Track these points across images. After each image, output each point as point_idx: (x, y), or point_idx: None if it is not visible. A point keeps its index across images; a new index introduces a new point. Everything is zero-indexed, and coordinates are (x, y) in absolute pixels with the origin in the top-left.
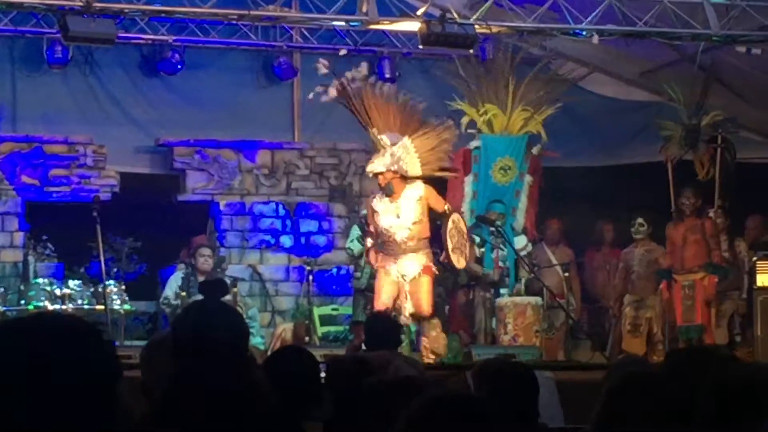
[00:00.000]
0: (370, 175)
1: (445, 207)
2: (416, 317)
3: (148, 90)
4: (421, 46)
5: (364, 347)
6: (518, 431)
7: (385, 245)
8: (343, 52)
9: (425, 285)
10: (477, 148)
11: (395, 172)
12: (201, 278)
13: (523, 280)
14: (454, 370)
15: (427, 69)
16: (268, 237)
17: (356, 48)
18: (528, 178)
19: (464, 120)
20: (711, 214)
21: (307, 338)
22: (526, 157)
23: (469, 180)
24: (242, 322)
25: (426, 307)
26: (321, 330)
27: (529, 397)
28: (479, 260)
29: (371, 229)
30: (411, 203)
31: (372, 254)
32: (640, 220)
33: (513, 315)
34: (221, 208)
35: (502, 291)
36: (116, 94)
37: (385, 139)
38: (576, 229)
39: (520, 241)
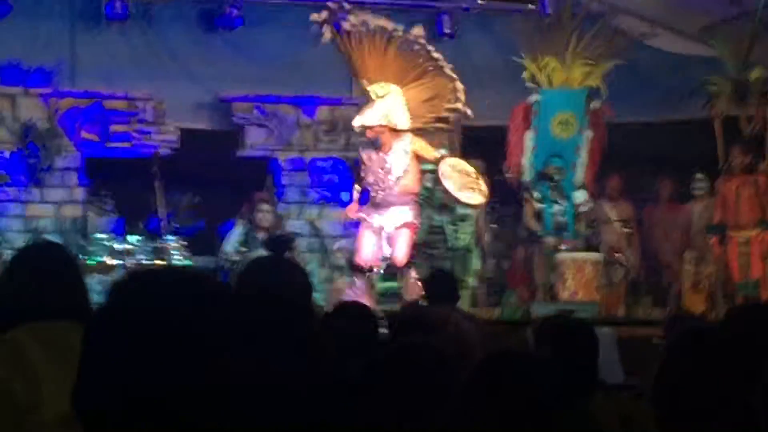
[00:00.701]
0: (357, 128)
1: (436, 154)
2: (391, 265)
3: (207, 45)
4: (481, 1)
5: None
6: (576, 389)
7: (372, 197)
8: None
9: (404, 236)
10: (537, 102)
11: (384, 125)
12: (260, 234)
13: (582, 236)
14: (513, 326)
15: (488, 24)
16: (327, 192)
17: (415, 3)
18: (588, 133)
19: (525, 74)
20: (763, 170)
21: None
22: (586, 111)
23: (529, 134)
24: (306, 278)
25: (401, 257)
26: (380, 285)
27: (590, 354)
28: (538, 215)
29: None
30: (399, 156)
31: (354, 206)
32: (699, 176)
33: (572, 271)
34: (280, 163)
35: (561, 247)
36: (175, 50)
37: (375, 89)
38: (635, 185)
39: (580, 197)
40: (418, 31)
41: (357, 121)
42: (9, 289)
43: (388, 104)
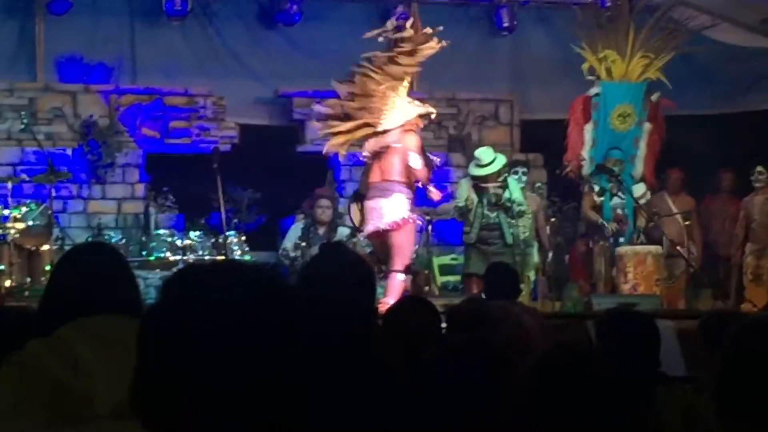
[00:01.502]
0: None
1: None
2: None
3: (267, 41)
4: None
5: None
6: (639, 382)
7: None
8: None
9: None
10: (597, 95)
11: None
12: (321, 229)
13: (642, 229)
14: (574, 319)
15: (546, 17)
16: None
17: None
18: (647, 126)
19: (584, 66)
20: None
21: (426, 288)
22: (645, 104)
23: (588, 127)
24: (371, 275)
25: None
26: (440, 279)
27: (652, 347)
28: (598, 208)
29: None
30: None
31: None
32: (759, 168)
33: (633, 263)
34: (340, 158)
35: (622, 239)
36: (235, 46)
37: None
38: (696, 178)
39: (639, 189)
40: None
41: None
42: (58, 289)
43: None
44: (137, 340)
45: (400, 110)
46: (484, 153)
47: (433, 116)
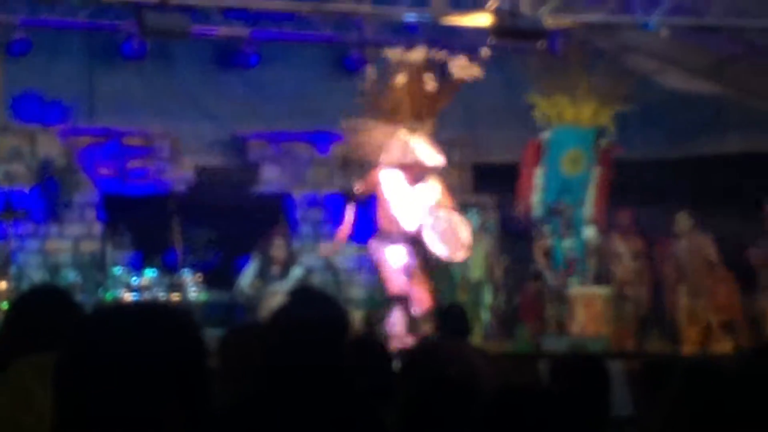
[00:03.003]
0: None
1: None
2: None
3: (224, 83)
4: (490, 41)
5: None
6: (589, 424)
7: None
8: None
9: None
10: (547, 139)
11: None
12: (275, 268)
13: (592, 270)
14: (524, 359)
15: (498, 63)
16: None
17: (427, 43)
18: (597, 170)
19: (535, 110)
20: None
21: (377, 327)
22: (595, 148)
23: (538, 171)
24: (343, 315)
25: None
26: None
27: (603, 389)
28: (549, 251)
29: None
30: None
31: None
32: (682, 213)
33: (583, 305)
34: (295, 199)
35: (572, 281)
36: (192, 88)
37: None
38: (646, 220)
39: (589, 232)
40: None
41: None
42: (12, 329)
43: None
44: (53, 380)
45: None
46: None
47: None
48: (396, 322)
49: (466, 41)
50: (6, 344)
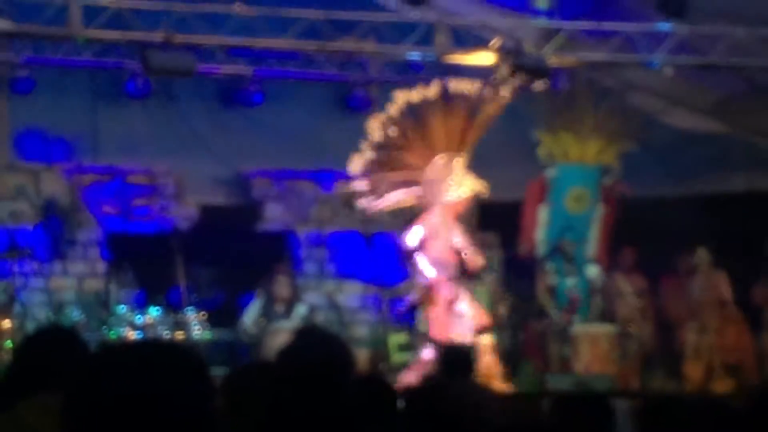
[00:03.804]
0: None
1: None
2: None
3: (228, 122)
4: (494, 79)
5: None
6: None
7: None
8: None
9: None
10: (552, 177)
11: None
12: (279, 306)
13: (596, 309)
14: (529, 398)
15: None
16: (344, 266)
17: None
18: (601, 208)
19: (541, 149)
20: None
21: (381, 365)
22: (599, 186)
23: (542, 209)
24: (348, 354)
25: None
26: (396, 357)
27: (607, 429)
28: (552, 289)
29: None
30: None
31: None
32: (700, 249)
33: (587, 343)
34: (299, 237)
35: (576, 319)
36: (196, 126)
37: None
38: (651, 259)
39: (593, 270)
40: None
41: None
42: (16, 369)
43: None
44: (60, 420)
45: None
46: None
47: None
48: (426, 361)
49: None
50: (13, 384)
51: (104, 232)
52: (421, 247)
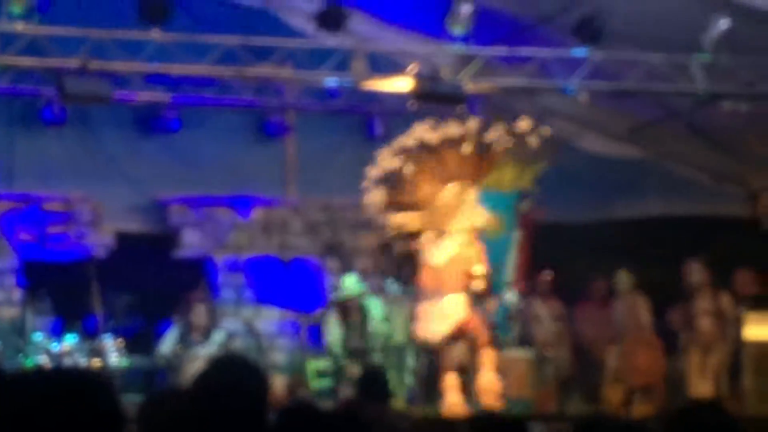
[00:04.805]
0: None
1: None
2: None
3: (144, 148)
4: (410, 104)
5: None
6: None
7: None
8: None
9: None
10: None
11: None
12: (196, 333)
13: (513, 333)
14: (447, 423)
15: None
16: (262, 292)
17: (347, 108)
18: (517, 234)
19: None
20: None
21: (300, 391)
22: (516, 212)
23: None
24: (263, 381)
25: None
26: (315, 383)
27: None
28: None
29: None
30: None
31: None
32: (622, 273)
33: (505, 368)
34: (216, 263)
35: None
36: (112, 153)
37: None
38: (567, 283)
39: (510, 296)
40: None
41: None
42: None
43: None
44: None
45: None
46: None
47: None
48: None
49: (386, 106)
50: None
51: (20, 259)
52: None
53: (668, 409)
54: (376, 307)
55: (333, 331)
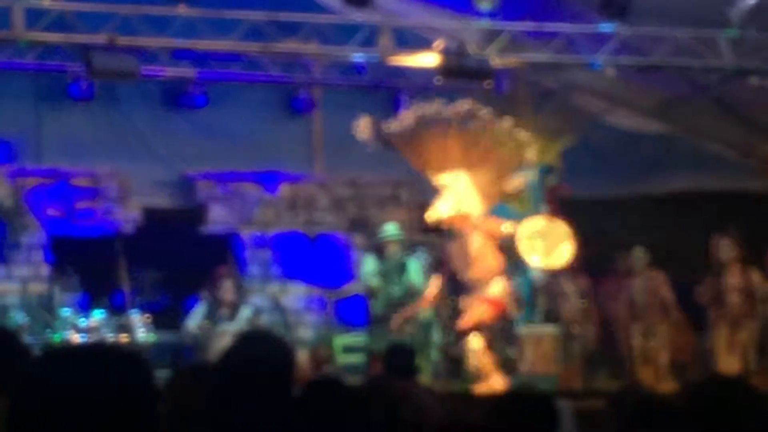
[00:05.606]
0: (432, 222)
1: (503, 229)
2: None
3: (171, 124)
4: (437, 79)
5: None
6: None
7: (459, 282)
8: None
9: (476, 307)
10: None
11: (457, 215)
12: (224, 309)
13: (540, 309)
14: (471, 398)
15: (445, 102)
16: (289, 268)
17: (373, 84)
18: (543, 209)
19: None
20: None
21: (326, 367)
22: (541, 187)
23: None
24: (290, 356)
25: (463, 323)
26: (342, 359)
27: (550, 429)
28: None
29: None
30: (476, 240)
31: (431, 294)
32: (638, 250)
33: (531, 343)
34: (243, 239)
35: (520, 320)
36: (139, 128)
37: (442, 179)
38: (595, 259)
39: (537, 271)
40: (464, 106)
41: (431, 215)
42: None
43: (458, 193)
44: (5, 423)
45: None
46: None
47: None
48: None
49: (412, 81)
50: None
51: (48, 235)
52: None
53: (691, 384)
54: (415, 265)
55: (368, 261)
